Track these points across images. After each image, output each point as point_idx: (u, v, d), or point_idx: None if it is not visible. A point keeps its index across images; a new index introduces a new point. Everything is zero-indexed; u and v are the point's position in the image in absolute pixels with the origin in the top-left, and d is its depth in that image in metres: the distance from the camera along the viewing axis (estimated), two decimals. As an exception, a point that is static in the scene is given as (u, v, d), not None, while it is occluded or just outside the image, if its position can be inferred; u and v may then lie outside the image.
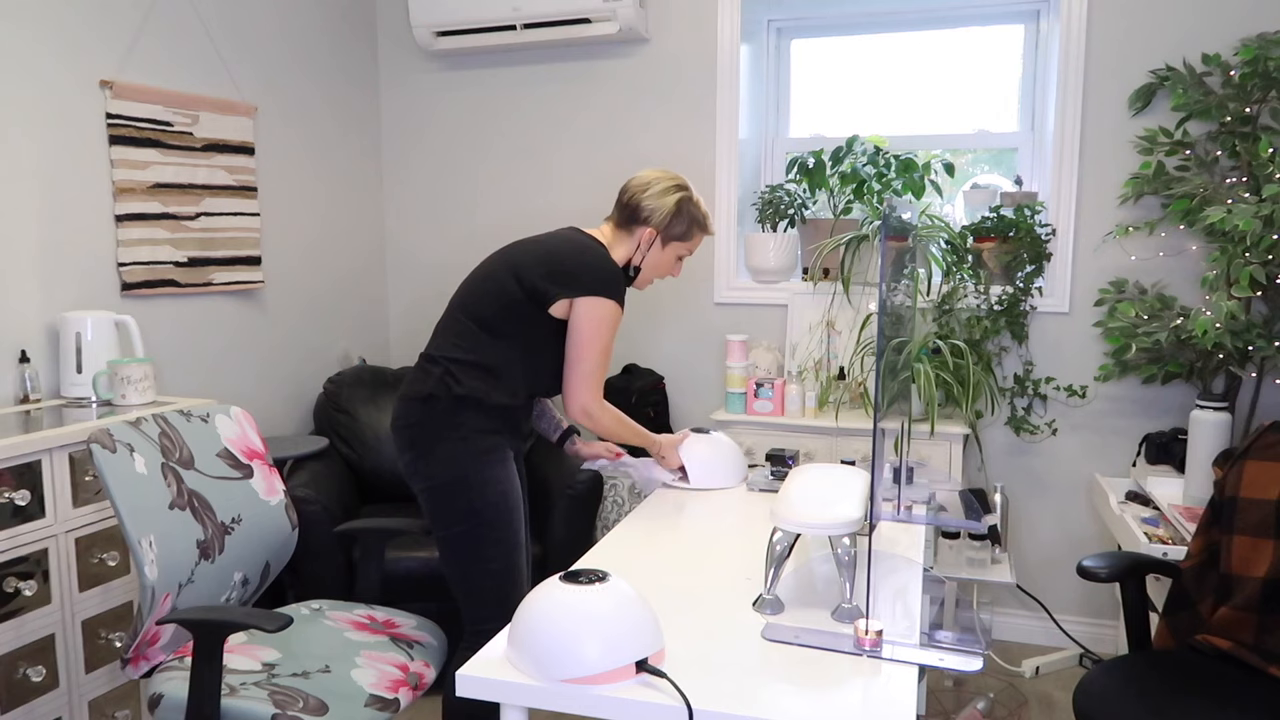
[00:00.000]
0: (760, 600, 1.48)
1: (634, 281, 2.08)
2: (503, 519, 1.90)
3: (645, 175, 2.03)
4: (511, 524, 1.92)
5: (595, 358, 1.92)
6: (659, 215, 1.99)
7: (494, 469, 1.90)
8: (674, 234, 2.02)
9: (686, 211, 2.01)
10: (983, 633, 1.42)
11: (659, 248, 2.03)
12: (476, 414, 1.90)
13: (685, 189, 2.02)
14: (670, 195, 2.00)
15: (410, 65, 3.62)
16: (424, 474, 1.91)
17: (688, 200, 2.02)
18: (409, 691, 1.75)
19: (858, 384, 3.04)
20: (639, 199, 2.00)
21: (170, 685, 1.65)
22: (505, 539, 1.91)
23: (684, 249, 2.06)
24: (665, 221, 2.00)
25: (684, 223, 2.02)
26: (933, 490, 1.95)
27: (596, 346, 1.91)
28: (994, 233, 2.92)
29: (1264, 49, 2.54)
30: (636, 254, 2.03)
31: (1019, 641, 3.14)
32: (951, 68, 3.21)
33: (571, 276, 1.90)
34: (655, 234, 2.01)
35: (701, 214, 2.04)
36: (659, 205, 1.99)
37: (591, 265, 1.92)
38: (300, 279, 3.31)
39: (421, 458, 1.90)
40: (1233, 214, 2.41)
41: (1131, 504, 2.57)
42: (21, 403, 2.33)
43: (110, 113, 2.54)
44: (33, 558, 1.99)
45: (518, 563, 1.93)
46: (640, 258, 2.03)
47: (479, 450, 1.89)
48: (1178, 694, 1.69)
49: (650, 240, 2.01)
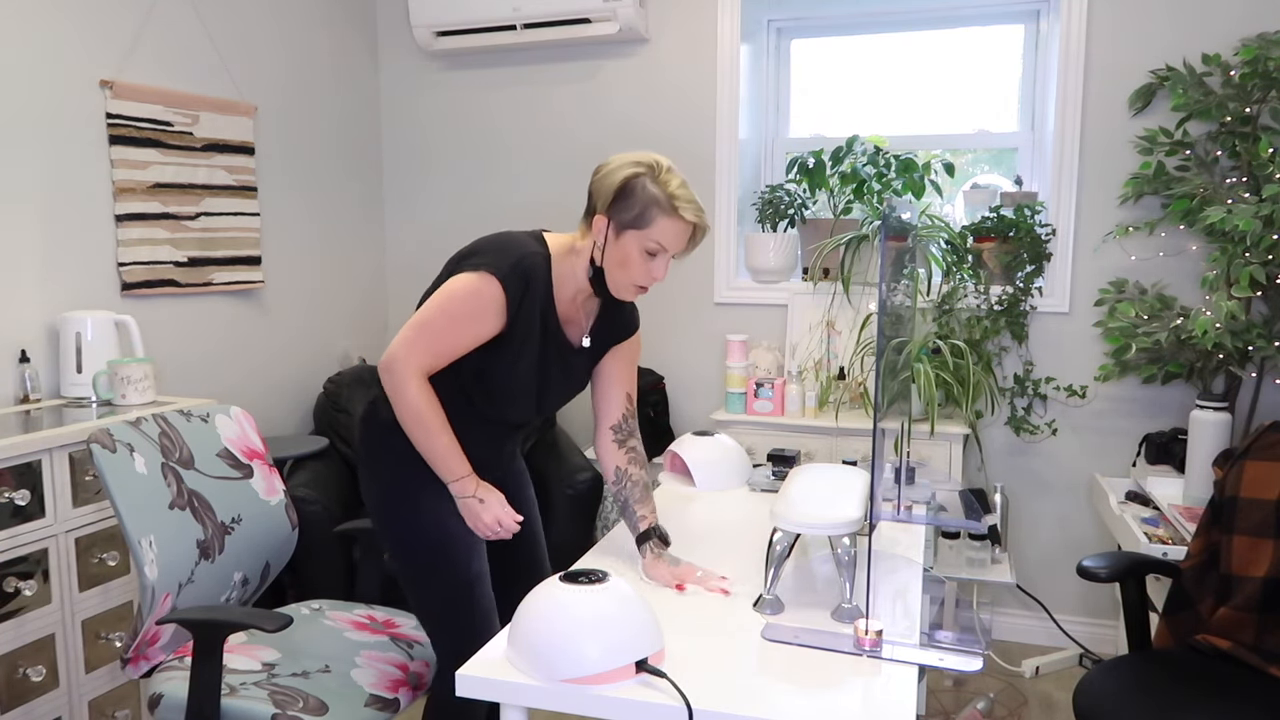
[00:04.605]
0: (760, 600, 1.48)
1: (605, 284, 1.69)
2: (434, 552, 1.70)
3: (611, 157, 1.68)
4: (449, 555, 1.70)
5: (433, 316, 1.61)
6: (603, 196, 1.63)
7: (424, 499, 1.70)
8: (626, 219, 1.61)
9: (639, 191, 1.60)
10: (983, 633, 1.42)
11: (613, 238, 1.64)
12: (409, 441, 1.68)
13: (643, 166, 1.62)
14: (619, 173, 1.62)
15: (410, 65, 3.62)
16: (364, 496, 1.79)
17: (641, 178, 1.61)
18: (409, 691, 1.75)
19: (858, 384, 3.04)
20: (592, 183, 1.68)
21: (170, 685, 1.65)
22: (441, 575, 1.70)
23: (647, 239, 1.62)
24: (609, 203, 1.62)
25: (635, 205, 1.60)
26: (933, 490, 1.95)
27: (443, 306, 1.61)
28: (994, 233, 2.92)
29: (1264, 49, 2.54)
30: (595, 249, 1.67)
31: (1019, 641, 3.14)
32: (951, 68, 3.21)
33: (470, 256, 1.66)
34: (606, 220, 1.63)
35: (666, 194, 1.60)
36: (605, 186, 1.63)
37: (494, 244, 1.67)
38: (300, 279, 3.31)
39: (361, 478, 1.79)
40: (1233, 214, 2.41)
41: (1131, 504, 2.57)
42: (21, 403, 2.33)
43: (110, 113, 2.54)
44: (33, 558, 1.99)
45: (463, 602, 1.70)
46: (599, 254, 1.66)
47: (409, 480, 1.71)
48: (1178, 694, 1.69)
49: (603, 229, 1.64)
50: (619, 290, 1.68)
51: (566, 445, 3.20)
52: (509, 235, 1.71)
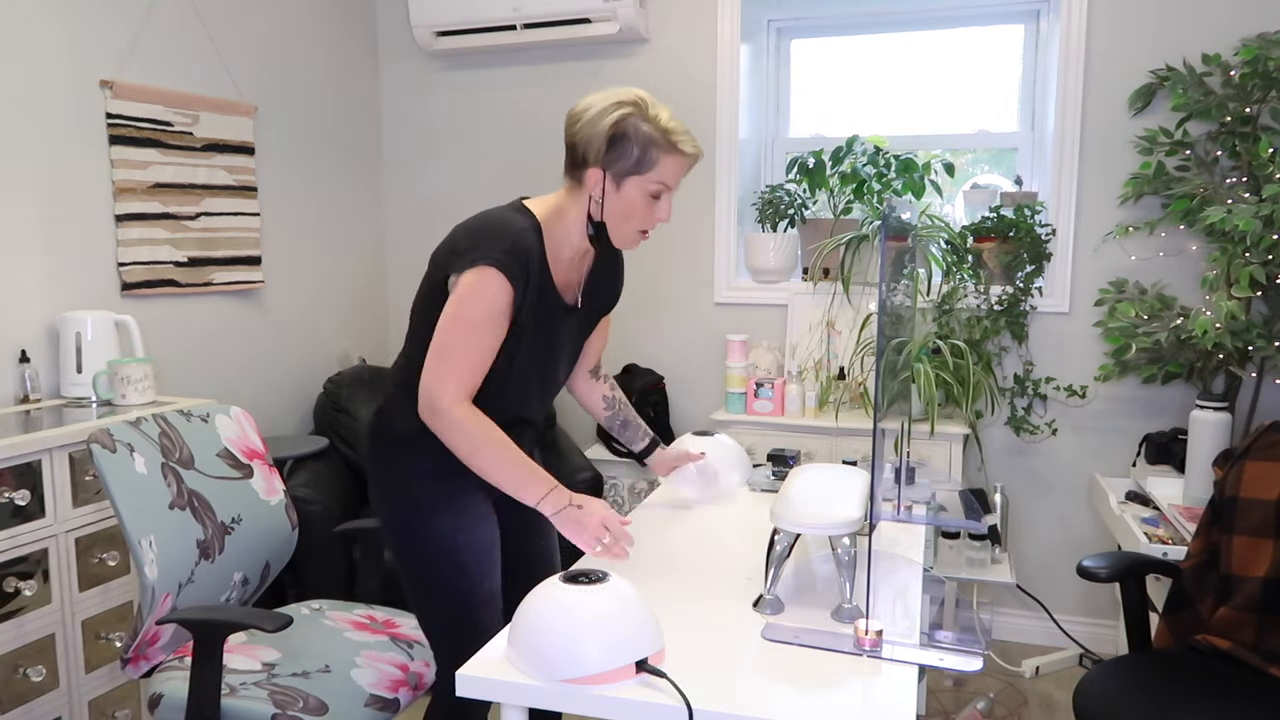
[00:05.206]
0: (761, 600, 1.48)
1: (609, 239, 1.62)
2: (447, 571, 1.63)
3: (584, 101, 1.57)
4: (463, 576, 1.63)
5: (454, 336, 1.51)
6: (594, 147, 1.53)
7: (439, 517, 1.63)
8: (625, 167, 1.53)
9: (632, 134, 1.51)
10: (983, 633, 1.42)
11: (614, 190, 1.55)
12: (421, 456, 1.63)
13: (628, 104, 1.53)
14: (605, 118, 1.52)
15: (410, 65, 3.62)
16: (374, 508, 1.73)
17: (631, 118, 1.52)
18: (409, 691, 1.75)
19: (858, 384, 3.04)
20: (573, 134, 1.56)
21: (170, 685, 1.65)
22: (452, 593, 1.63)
23: (650, 183, 1.54)
24: (601, 152, 1.53)
25: (632, 149, 1.52)
26: (933, 490, 1.95)
27: (459, 324, 1.50)
28: (994, 233, 2.92)
29: (1264, 49, 2.54)
30: (593, 205, 1.57)
31: (1019, 641, 3.14)
32: (951, 68, 3.21)
33: (459, 252, 1.54)
34: (602, 172, 1.54)
35: (659, 130, 1.52)
36: (591, 135, 1.53)
37: (479, 231, 1.55)
38: (300, 279, 3.31)
39: (371, 491, 1.73)
40: (1233, 214, 2.41)
41: (1131, 504, 2.57)
42: (21, 403, 2.33)
43: (110, 113, 2.54)
44: (33, 558, 1.99)
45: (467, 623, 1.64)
46: (598, 209, 1.57)
47: (423, 497, 1.64)
48: (1178, 694, 1.69)
49: (599, 182, 1.55)
50: (623, 241, 1.62)
51: (566, 445, 3.20)
52: (491, 216, 1.59)
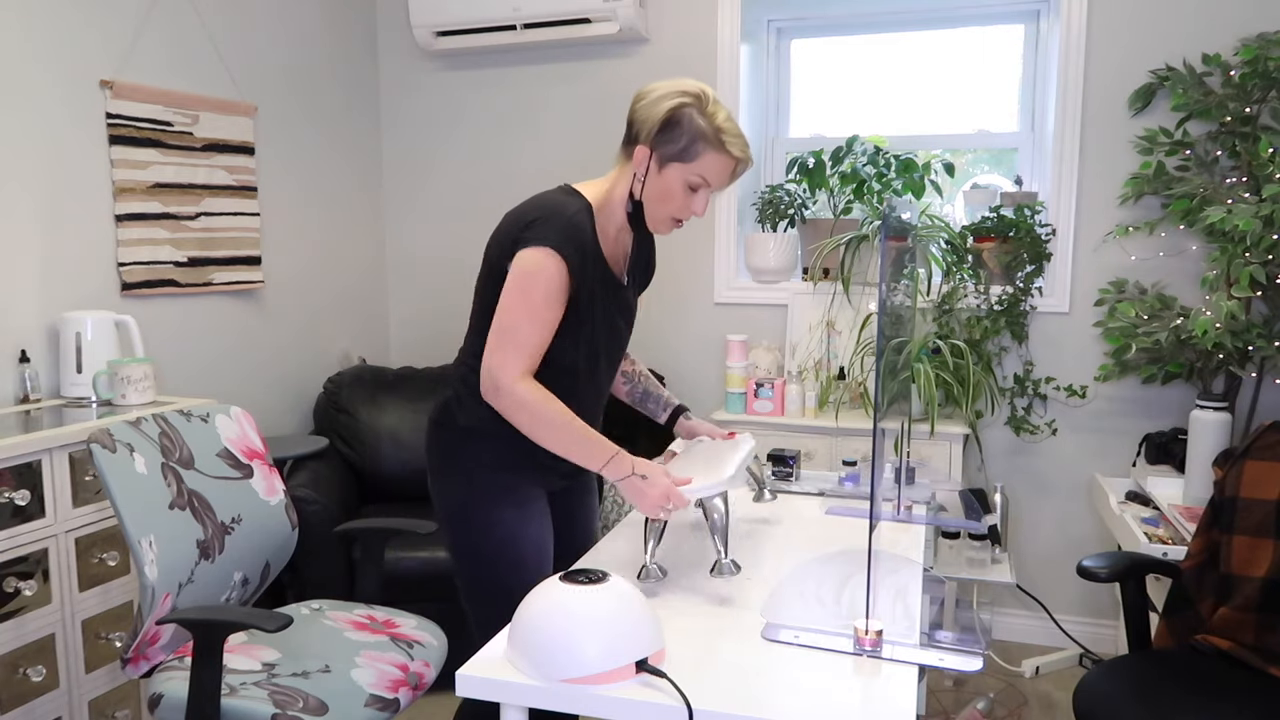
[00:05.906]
0: (644, 570, 1.58)
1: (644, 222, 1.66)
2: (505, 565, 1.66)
3: (654, 83, 1.62)
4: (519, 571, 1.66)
5: (514, 314, 1.53)
6: (648, 126, 1.57)
7: (501, 511, 1.66)
8: (670, 152, 1.57)
9: (685, 123, 1.56)
10: (983, 633, 1.43)
11: (655, 171, 1.59)
12: (484, 448, 1.67)
13: (690, 95, 1.57)
14: (665, 102, 1.56)
15: (410, 65, 3.62)
16: (435, 502, 1.74)
17: (688, 108, 1.56)
18: (409, 691, 1.75)
19: (858, 384, 3.04)
20: (633, 111, 1.61)
21: (170, 685, 1.65)
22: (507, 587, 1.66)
23: (691, 174, 1.58)
24: (653, 134, 1.57)
25: (682, 137, 1.56)
26: (933, 490, 1.96)
27: (520, 302, 1.53)
28: (994, 233, 2.92)
29: (1264, 49, 2.54)
30: (635, 182, 1.62)
31: (1019, 641, 3.14)
32: (951, 68, 3.21)
33: (519, 237, 1.57)
34: (649, 152, 1.58)
35: (713, 127, 1.56)
36: (649, 115, 1.57)
37: (533, 214, 1.58)
38: (300, 279, 3.31)
39: (433, 484, 1.74)
40: (1233, 214, 2.41)
41: (1131, 504, 2.57)
42: (21, 403, 2.33)
43: (110, 113, 2.54)
44: (33, 558, 1.99)
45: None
46: (639, 187, 1.61)
47: (485, 490, 1.66)
48: (1178, 694, 1.69)
49: (644, 160, 1.59)
50: (655, 224, 1.66)
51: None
52: (544, 200, 1.62)
